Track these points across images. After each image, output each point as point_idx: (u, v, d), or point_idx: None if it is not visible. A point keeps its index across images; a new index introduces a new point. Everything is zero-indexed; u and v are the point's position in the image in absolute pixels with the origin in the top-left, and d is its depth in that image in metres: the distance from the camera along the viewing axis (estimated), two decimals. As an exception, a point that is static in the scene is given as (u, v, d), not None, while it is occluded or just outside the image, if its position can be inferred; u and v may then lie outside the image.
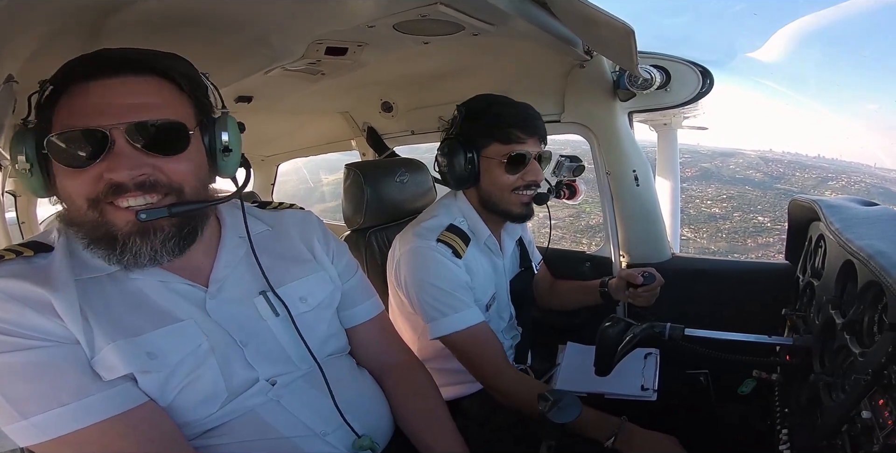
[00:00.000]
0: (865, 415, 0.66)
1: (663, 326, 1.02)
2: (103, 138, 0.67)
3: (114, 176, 0.67)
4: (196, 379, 0.74)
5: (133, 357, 0.69)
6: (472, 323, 1.21)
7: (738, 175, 10.67)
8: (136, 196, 0.69)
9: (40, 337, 0.66)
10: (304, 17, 1.11)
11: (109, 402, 0.67)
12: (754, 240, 9.35)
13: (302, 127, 2.63)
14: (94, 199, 0.69)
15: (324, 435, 0.82)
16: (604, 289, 1.46)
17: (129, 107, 0.68)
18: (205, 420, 0.76)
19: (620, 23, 0.98)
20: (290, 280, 0.89)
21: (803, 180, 10.66)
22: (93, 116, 0.67)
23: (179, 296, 0.77)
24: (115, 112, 0.67)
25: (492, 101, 1.29)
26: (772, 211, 9.72)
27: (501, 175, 1.27)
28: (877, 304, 0.77)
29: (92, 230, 0.71)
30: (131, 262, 0.71)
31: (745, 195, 10.22)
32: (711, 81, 1.50)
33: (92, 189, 0.68)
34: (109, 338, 0.69)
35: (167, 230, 0.72)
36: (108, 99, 0.68)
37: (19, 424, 0.63)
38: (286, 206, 1.03)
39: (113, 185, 0.68)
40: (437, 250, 1.23)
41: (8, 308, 0.65)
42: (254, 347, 0.81)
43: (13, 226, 2.88)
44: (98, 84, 0.68)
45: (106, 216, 0.69)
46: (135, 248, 0.70)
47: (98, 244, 0.71)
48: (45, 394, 0.64)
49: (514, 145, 1.24)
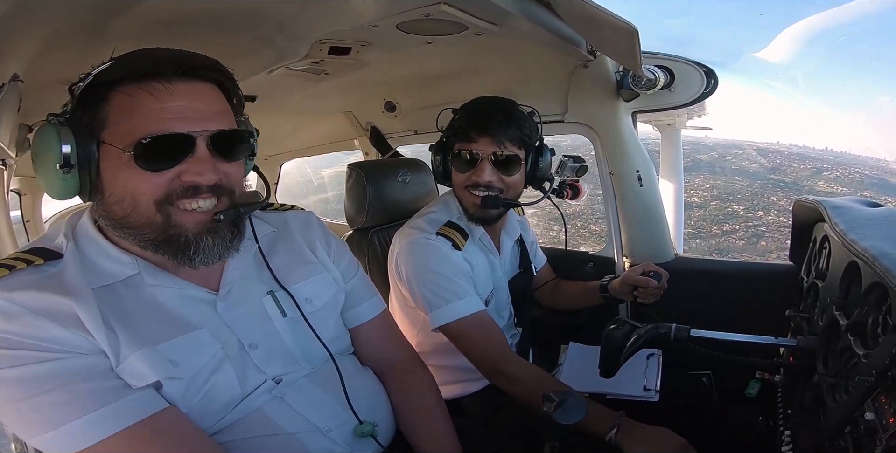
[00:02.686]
0: (869, 417, 0.66)
1: (669, 327, 1.02)
2: (189, 143, 0.70)
3: (197, 179, 0.70)
4: (214, 386, 0.75)
5: (159, 364, 0.70)
6: (475, 309, 1.21)
7: (734, 166, 10.75)
8: (206, 198, 0.73)
9: (61, 349, 0.66)
10: (308, 17, 1.12)
11: (134, 407, 0.67)
12: (720, 227, 9.56)
13: (305, 126, 2.63)
14: (162, 201, 0.70)
15: (327, 431, 0.83)
16: (605, 294, 1.45)
17: (208, 113, 0.71)
18: (218, 422, 0.77)
19: (624, 23, 0.98)
20: (296, 281, 0.89)
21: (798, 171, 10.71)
22: (179, 121, 0.69)
23: (192, 302, 0.78)
24: (198, 117, 0.70)
25: (475, 102, 1.30)
26: (750, 200, 9.90)
27: (455, 172, 1.31)
28: (881, 306, 0.77)
29: (158, 232, 0.72)
30: (202, 261, 0.74)
31: (731, 185, 10.36)
32: (716, 81, 1.49)
33: (165, 190, 0.70)
34: (135, 346, 0.69)
35: (231, 228, 0.77)
36: (190, 103, 0.70)
37: (50, 434, 0.63)
38: (288, 208, 1.04)
39: (191, 187, 0.71)
40: (436, 241, 1.25)
41: (27, 322, 0.65)
42: (263, 349, 0.82)
43: (18, 225, 2.89)
44: (175, 88, 0.69)
45: (173, 218, 0.72)
46: (207, 248, 0.74)
47: (167, 245, 0.73)
48: (72, 403, 0.64)
49: (465, 144, 1.27)
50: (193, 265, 0.74)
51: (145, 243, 0.73)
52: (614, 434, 1.00)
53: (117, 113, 0.69)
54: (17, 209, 2.91)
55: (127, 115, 0.68)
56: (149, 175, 0.69)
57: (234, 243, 0.78)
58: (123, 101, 0.69)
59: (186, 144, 0.69)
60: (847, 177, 10.09)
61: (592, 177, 1.66)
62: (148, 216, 0.71)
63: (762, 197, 10.22)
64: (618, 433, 1.00)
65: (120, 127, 0.69)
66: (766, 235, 9.45)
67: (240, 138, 0.76)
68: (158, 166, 0.69)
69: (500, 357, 1.19)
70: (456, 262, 1.24)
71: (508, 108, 1.27)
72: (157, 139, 0.67)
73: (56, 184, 0.69)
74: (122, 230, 0.73)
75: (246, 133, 0.77)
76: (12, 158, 1.30)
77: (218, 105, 0.74)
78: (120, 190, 0.70)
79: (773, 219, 9.70)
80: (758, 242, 9.26)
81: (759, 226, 9.62)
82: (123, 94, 0.68)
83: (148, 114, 0.68)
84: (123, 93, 0.68)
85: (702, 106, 1.82)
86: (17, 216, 2.91)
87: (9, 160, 1.33)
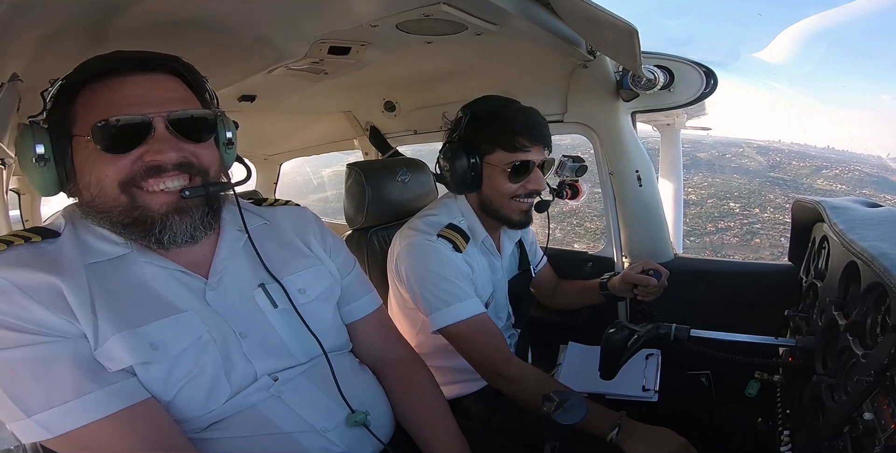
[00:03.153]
0: (867, 417, 0.66)
1: (669, 327, 1.02)
2: (146, 125, 0.73)
3: (158, 157, 0.73)
4: (199, 372, 0.75)
5: (137, 347, 0.70)
6: (475, 312, 1.20)
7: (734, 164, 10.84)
8: (172, 177, 0.74)
9: (43, 332, 0.67)
10: (308, 17, 1.12)
11: (109, 399, 0.67)
12: (714, 225, 9.68)
13: (305, 126, 2.63)
14: (126, 182, 0.73)
15: (324, 431, 0.83)
16: (605, 291, 1.46)
17: (165, 99, 0.75)
18: (208, 415, 0.76)
19: (624, 23, 0.98)
20: (288, 272, 0.89)
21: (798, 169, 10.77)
22: (135, 106, 0.73)
23: (181, 286, 0.79)
24: (154, 103, 0.74)
25: (498, 106, 1.26)
26: (747, 198, 10.02)
27: (504, 182, 1.26)
28: (880, 306, 0.77)
29: (124, 214, 0.74)
30: (171, 240, 0.75)
31: (729, 183, 10.48)
32: (715, 82, 1.49)
33: (127, 172, 0.73)
34: (115, 327, 0.70)
35: (201, 208, 0.78)
36: (146, 91, 0.74)
37: (23, 422, 0.64)
38: (281, 203, 1.04)
39: (153, 167, 0.73)
40: (438, 243, 1.24)
41: (14, 300, 0.66)
42: (252, 340, 0.82)
43: (17, 225, 2.90)
44: (130, 79, 0.74)
45: (138, 200, 0.74)
46: (174, 226, 0.75)
47: (134, 226, 0.75)
48: (47, 392, 0.65)
49: (518, 154, 1.23)
50: (163, 245, 0.76)
51: (115, 226, 0.75)
52: (615, 434, 1.00)
53: (83, 107, 0.74)
54: (16, 208, 2.92)
55: (91, 108, 0.73)
56: (111, 157, 0.72)
57: (206, 223, 0.79)
58: (88, 97, 0.74)
59: (144, 126, 0.72)
60: (846, 175, 10.15)
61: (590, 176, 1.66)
62: (113, 197, 0.73)
63: (759, 194, 10.31)
64: (619, 433, 1.00)
65: (86, 119, 0.73)
66: (760, 232, 9.57)
67: (202, 119, 0.78)
68: (118, 149, 0.72)
69: (498, 359, 1.19)
70: (457, 264, 1.24)
71: (539, 113, 1.28)
72: (111, 122, 0.71)
73: (37, 178, 0.74)
74: (94, 216, 0.76)
75: (206, 114, 0.79)
76: (11, 158, 1.29)
77: (177, 92, 0.78)
78: (87, 176, 0.74)
79: (769, 216, 9.81)
80: (752, 239, 9.36)
81: (753, 224, 9.72)
82: (89, 91, 0.74)
83: (108, 104, 0.73)
84: (89, 90, 0.74)
85: (701, 106, 1.82)
86: (17, 215, 2.92)
87: (8, 160, 1.33)
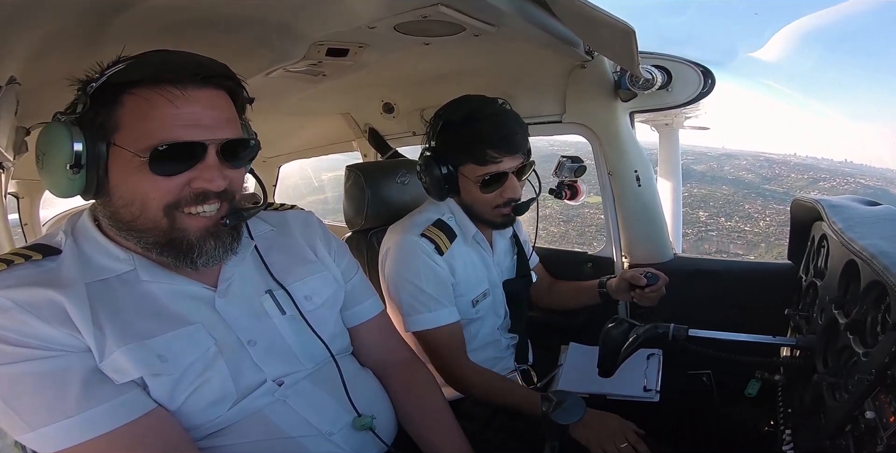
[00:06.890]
0: (869, 415, 0.66)
1: (667, 327, 1.02)
2: (202, 151, 0.71)
3: (208, 186, 0.72)
4: (205, 382, 0.75)
5: (144, 360, 0.70)
6: (444, 322, 1.24)
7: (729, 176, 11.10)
8: (213, 203, 0.74)
9: (46, 346, 0.66)
10: (305, 19, 1.12)
11: (114, 413, 0.67)
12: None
13: (303, 128, 2.63)
14: (171, 205, 0.72)
15: (329, 434, 0.83)
16: (602, 289, 1.46)
17: (219, 121, 0.73)
18: (213, 421, 0.76)
19: (621, 23, 0.98)
20: (294, 279, 0.90)
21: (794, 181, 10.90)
22: (191, 128, 0.70)
23: (189, 298, 0.78)
24: (209, 125, 0.71)
25: (468, 114, 1.22)
26: (720, 208, 10.41)
27: (479, 194, 1.26)
28: (880, 304, 0.77)
29: (162, 235, 0.73)
30: (205, 264, 0.76)
31: (713, 193, 10.77)
32: (713, 81, 1.50)
33: (175, 197, 0.71)
34: (121, 341, 0.69)
35: (231, 232, 0.78)
36: (203, 110, 0.71)
37: (28, 435, 0.64)
38: (288, 207, 1.04)
39: (200, 193, 0.72)
40: (418, 245, 1.25)
41: (14, 317, 0.65)
42: (261, 347, 0.82)
43: (16, 229, 2.88)
44: (187, 93, 0.69)
45: (177, 223, 0.73)
46: (209, 250, 0.75)
47: (169, 248, 0.74)
48: (51, 405, 0.64)
49: (490, 166, 1.21)
50: (195, 267, 0.75)
51: (149, 245, 0.74)
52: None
53: (131, 116, 0.69)
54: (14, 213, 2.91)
55: (141, 119, 0.68)
56: (160, 180, 0.70)
57: (234, 246, 0.79)
58: (138, 105, 0.68)
59: (199, 152, 0.71)
60: (843, 187, 10.23)
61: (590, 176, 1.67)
62: (155, 219, 0.72)
63: (735, 205, 10.63)
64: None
65: (133, 130, 0.69)
66: (712, 239, 10.04)
67: (246, 145, 0.78)
68: (170, 172, 0.70)
69: (452, 363, 1.26)
70: (434, 271, 1.24)
71: (513, 116, 1.25)
72: (172, 146, 0.68)
73: (63, 182, 0.70)
74: (126, 232, 0.74)
75: (252, 140, 0.79)
76: (10, 161, 1.29)
77: (228, 112, 0.76)
78: (129, 193, 0.71)
79: (731, 224, 10.21)
80: (702, 245, 9.74)
81: (710, 231, 10.16)
82: (138, 97, 0.68)
83: (163, 120, 0.68)
84: (138, 96, 0.68)
85: (699, 105, 1.82)
86: (15, 219, 2.90)
87: (6, 163, 1.33)
